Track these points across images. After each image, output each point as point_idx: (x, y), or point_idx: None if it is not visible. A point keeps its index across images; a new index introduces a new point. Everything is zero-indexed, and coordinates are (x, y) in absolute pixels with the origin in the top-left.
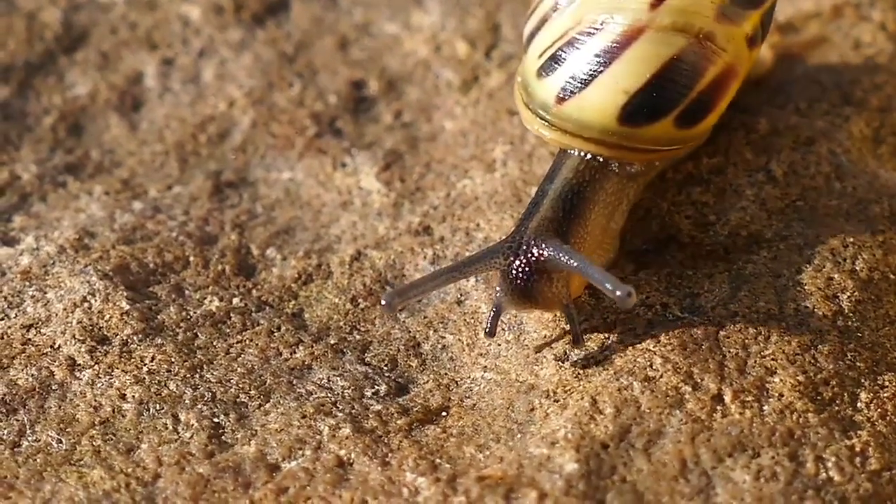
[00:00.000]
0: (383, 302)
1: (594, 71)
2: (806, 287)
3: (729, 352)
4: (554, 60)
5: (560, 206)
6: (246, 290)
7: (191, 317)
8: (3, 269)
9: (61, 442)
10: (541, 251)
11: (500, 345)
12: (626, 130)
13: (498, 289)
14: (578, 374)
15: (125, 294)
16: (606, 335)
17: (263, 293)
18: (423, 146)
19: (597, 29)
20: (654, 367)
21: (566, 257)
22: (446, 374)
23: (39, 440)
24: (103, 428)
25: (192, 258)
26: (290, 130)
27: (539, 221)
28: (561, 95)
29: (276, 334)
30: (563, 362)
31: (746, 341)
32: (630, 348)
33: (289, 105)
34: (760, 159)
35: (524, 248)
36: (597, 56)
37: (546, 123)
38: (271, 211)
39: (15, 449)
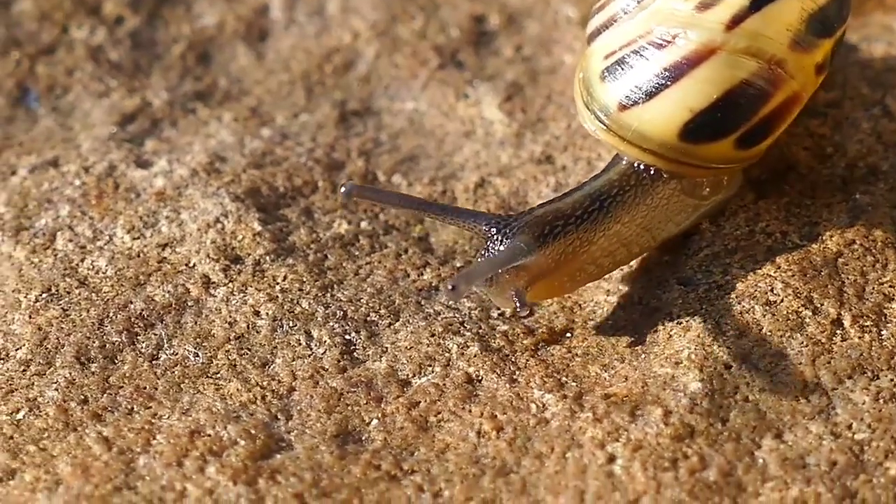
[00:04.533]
0: (343, 189)
1: (661, 84)
2: None
3: (847, 278)
4: (620, 66)
5: (583, 205)
6: (373, 214)
7: (320, 239)
8: (137, 191)
9: (198, 355)
10: (505, 241)
11: (622, 269)
12: (685, 147)
13: None
14: (701, 297)
15: (257, 216)
16: (727, 261)
17: (390, 217)
18: (543, 79)
19: (668, 42)
20: (774, 292)
21: (497, 255)
22: (570, 296)
23: (177, 353)
24: (238, 343)
25: (320, 183)
26: (413, 62)
27: (546, 211)
28: (623, 103)
29: (403, 257)
30: (686, 286)
31: (864, 268)
32: (751, 274)
33: (412, 37)
34: (876, 94)
35: (507, 231)
36: (665, 70)
37: (604, 127)
38: (396, 139)
39: (153, 361)
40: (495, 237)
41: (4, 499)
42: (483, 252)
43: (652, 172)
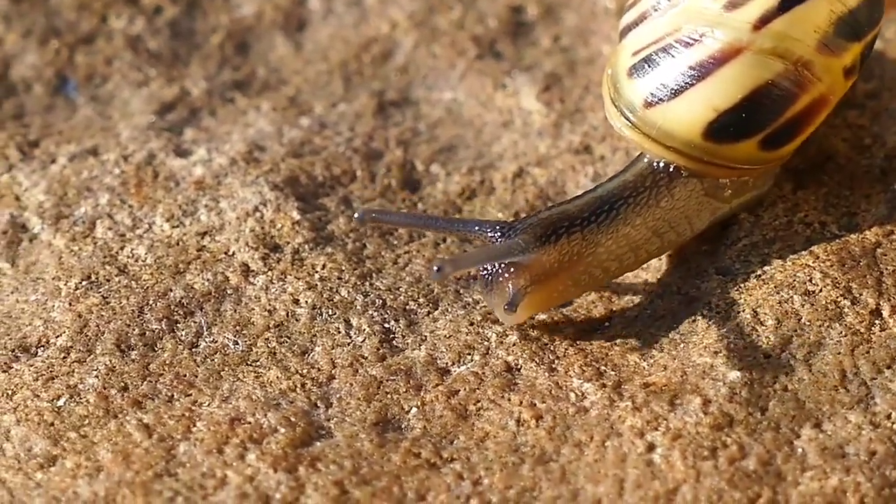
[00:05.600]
0: (357, 214)
1: (686, 83)
2: None
3: (886, 269)
4: (647, 63)
5: (591, 207)
6: (411, 203)
7: (359, 228)
8: (177, 179)
9: (238, 343)
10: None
11: (661, 259)
12: (709, 146)
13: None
14: (740, 287)
15: (295, 205)
16: (766, 251)
17: (428, 207)
18: (581, 69)
19: (695, 40)
20: (813, 282)
21: (491, 248)
22: (608, 286)
23: (217, 341)
24: (278, 331)
25: (358, 172)
26: (451, 52)
27: (551, 214)
28: (649, 100)
29: (441, 246)
30: (724, 276)
31: None
32: (789, 263)
33: (450, 28)
34: None
35: (510, 233)
36: (691, 68)
37: (629, 124)
38: (434, 129)
39: (193, 349)
40: (498, 241)
41: (46, 485)
42: None
43: (671, 171)
